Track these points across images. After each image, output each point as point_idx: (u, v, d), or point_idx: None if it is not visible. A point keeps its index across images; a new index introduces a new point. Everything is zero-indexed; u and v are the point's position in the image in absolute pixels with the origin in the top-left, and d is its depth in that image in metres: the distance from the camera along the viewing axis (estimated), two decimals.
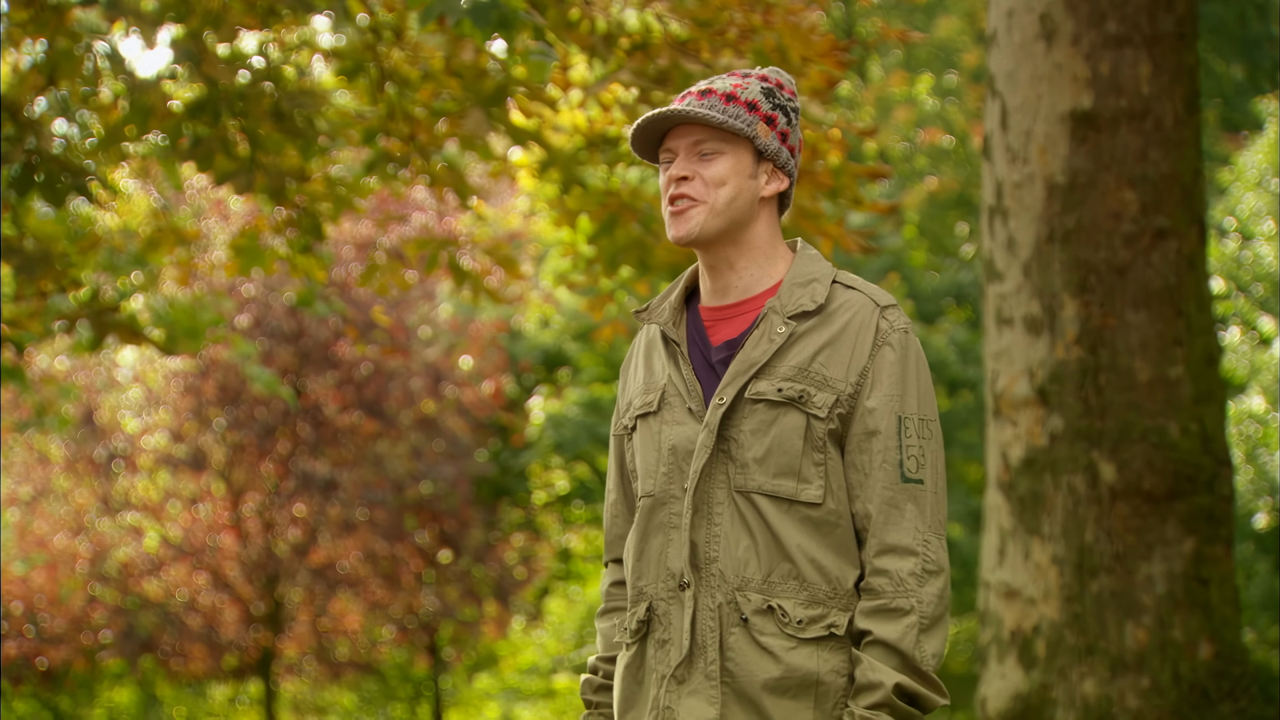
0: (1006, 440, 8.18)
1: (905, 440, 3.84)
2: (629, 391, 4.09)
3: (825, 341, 3.88)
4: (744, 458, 3.86)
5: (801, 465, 3.84)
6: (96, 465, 18.95)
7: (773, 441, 3.85)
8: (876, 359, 3.87)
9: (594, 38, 7.56)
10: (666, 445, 3.94)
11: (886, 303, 3.94)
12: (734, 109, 3.92)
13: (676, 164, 3.93)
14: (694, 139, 3.93)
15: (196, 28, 7.74)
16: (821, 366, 3.86)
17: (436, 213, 18.23)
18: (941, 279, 22.08)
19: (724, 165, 3.91)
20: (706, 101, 3.92)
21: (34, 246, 8.45)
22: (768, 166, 3.95)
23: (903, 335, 3.90)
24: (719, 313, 3.98)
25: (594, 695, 4.14)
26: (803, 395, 3.85)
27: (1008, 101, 8.25)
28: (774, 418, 3.86)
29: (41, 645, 18.68)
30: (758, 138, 3.91)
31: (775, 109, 3.96)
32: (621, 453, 4.12)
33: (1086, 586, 7.91)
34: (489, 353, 20.01)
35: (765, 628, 3.82)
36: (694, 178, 3.91)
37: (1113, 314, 7.99)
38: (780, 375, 3.86)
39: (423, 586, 19.62)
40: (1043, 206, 8.12)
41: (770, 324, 3.89)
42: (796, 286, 3.92)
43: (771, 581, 3.83)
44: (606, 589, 4.17)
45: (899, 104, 22.41)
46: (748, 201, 3.93)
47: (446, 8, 6.70)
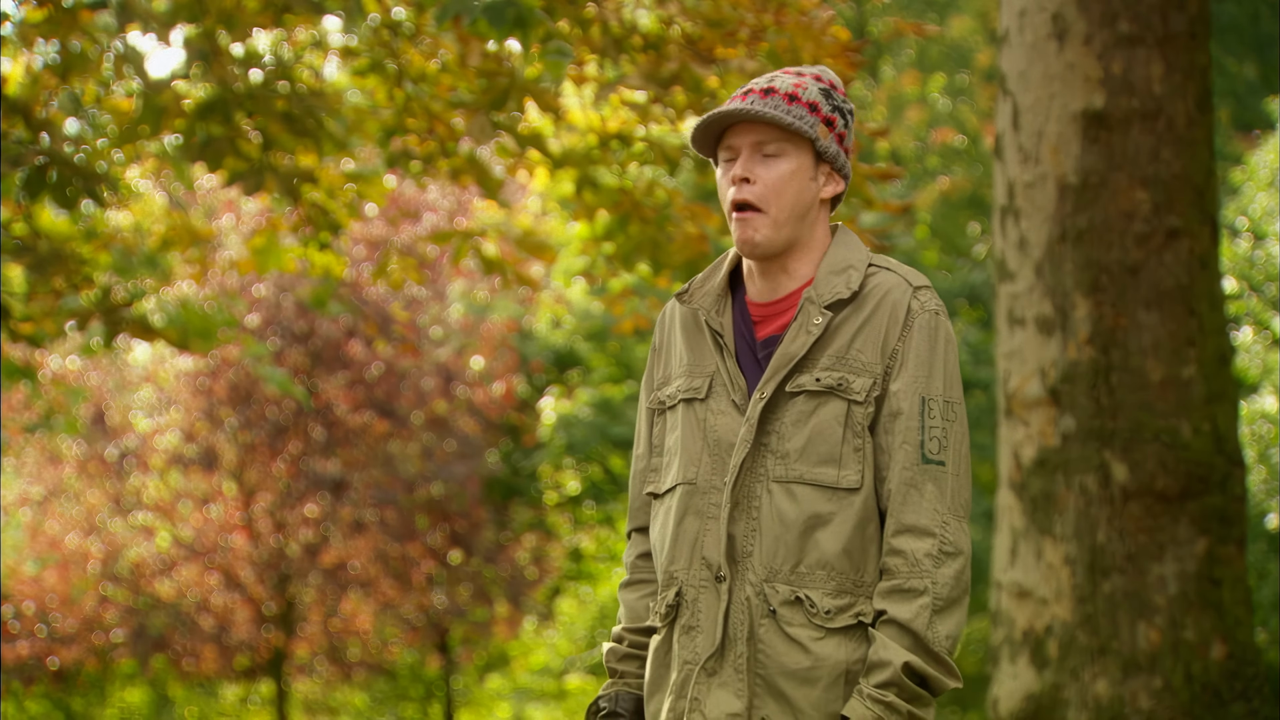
0: (1018, 440, 8.17)
1: (928, 421, 3.83)
2: (669, 366, 4.08)
3: (860, 325, 3.88)
4: (784, 449, 3.86)
5: (841, 453, 3.84)
6: (108, 465, 18.96)
7: (813, 430, 3.84)
8: (906, 340, 3.86)
9: (605, 39, 7.56)
10: (712, 436, 3.93)
11: (920, 283, 3.93)
12: (797, 109, 3.90)
13: (739, 164, 3.91)
14: (757, 138, 3.91)
15: (210, 27, 7.75)
16: (859, 352, 3.86)
17: (448, 212, 18.23)
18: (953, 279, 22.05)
19: (786, 167, 3.89)
20: (770, 100, 3.90)
21: (47, 246, 8.46)
22: (826, 169, 3.94)
23: (933, 316, 3.89)
24: (768, 309, 3.97)
25: (618, 664, 4.13)
26: (841, 382, 3.85)
27: (1019, 101, 8.24)
28: (814, 407, 3.85)
29: (53, 645, 18.69)
30: (819, 140, 3.91)
31: (834, 111, 3.95)
32: (652, 424, 4.10)
33: (1099, 587, 7.90)
34: (500, 353, 20.01)
35: (793, 619, 3.82)
36: (756, 180, 3.89)
37: (1125, 314, 7.98)
38: (820, 365, 3.86)
39: (434, 587, 19.62)
40: (1055, 206, 8.11)
41: (807, 315, 3.88)
42: (832, 274, 3.91)
43: (800, 571, 3.83)
44: (632, 560, 4.16)
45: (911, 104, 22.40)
46: (808, 206, 3.92)
47: (462, 7, 6.70)
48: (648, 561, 4.14)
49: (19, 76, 8.65)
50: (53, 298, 8.75)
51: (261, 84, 8.08)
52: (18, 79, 8.63)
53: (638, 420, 4.17)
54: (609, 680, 4.15)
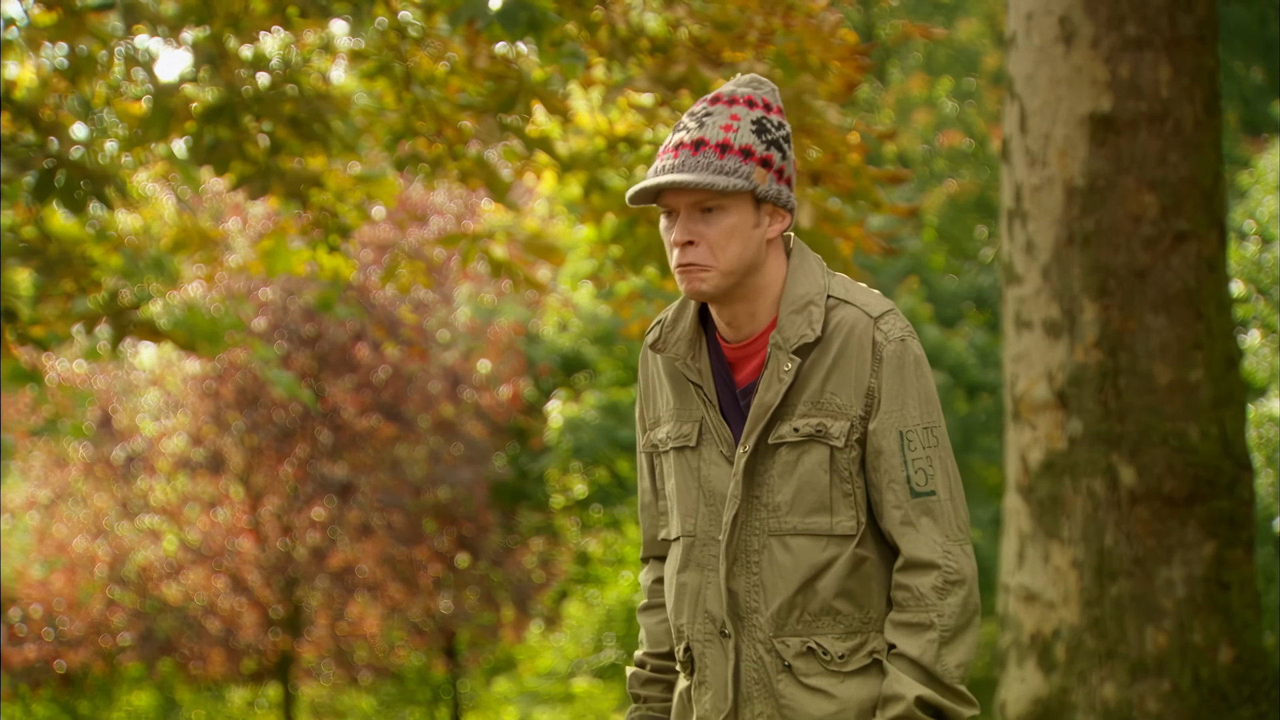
0: (1026, 444, 8.16)
1: (910, 455, 3.81)
2: (657, 408, 4.06)
3: (829, 367, 3.84)
4: (775, 501, 3.84)
5: (831, 499, 3.83)
6: (115, 469, 18.98)
7: (800, 481, 3.83)
8: (878, 375, 3.83)
9: (613, 42, 7.56)
10: (707, 486, 3.92)
11: (879, 312, 3.87)
12: (730, 161, 3.82)
13: (678, 228, 3.84)
14: (693, 198, 3.83)
15: (218, 30, 7.76)
16: (832, 395, 3.83)
17: (455, 215, 18.24)
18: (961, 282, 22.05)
19: (727, 222, 3.82)
20: (701, 157, 3.81)
21: (56, 249, 8.47)
22: (768, 208, 3.87)
23: (898, 344, 3.84)
24: (740, 350, 3.94)
25: (641, 689, 4.13)
26: (820, 429, 3.82)
27: (1027, 104, 8.24)
28: (797, 457, 3.83)
29: (60, 648, 18.71)
30: (757, 187, 3.83)
31: (769, 147, 3.86)
32: (653, 466, 4.09)
33: (1106, 590, 7.90)
34: (507, 356, 20.01)
35: (809, 669, 3.83)
36: (699, 242, 3.83)
37: (1132, 317, 7.98)
38: (797, 414, 3.83)
39: (441, 590, 19.62)
40: (1062, 210, 8.10)
41: (777, 362, 3.84)
42: (794, 314, 3.86)
43: (807, 621, 3.82)
44: (649, 585, 4.15)
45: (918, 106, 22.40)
46: (755, 251, 3.86)
47: (475, 11, 6.71)
48: (663, 585, 4.14)
49: (27, 80, 8.66)
50: (62, 300, 8.75)
51: (269, 87, 8.09)
52: (26, 82, 8.63)
53: (638, 459, 4.15)
54: (633, 706, 4.16)
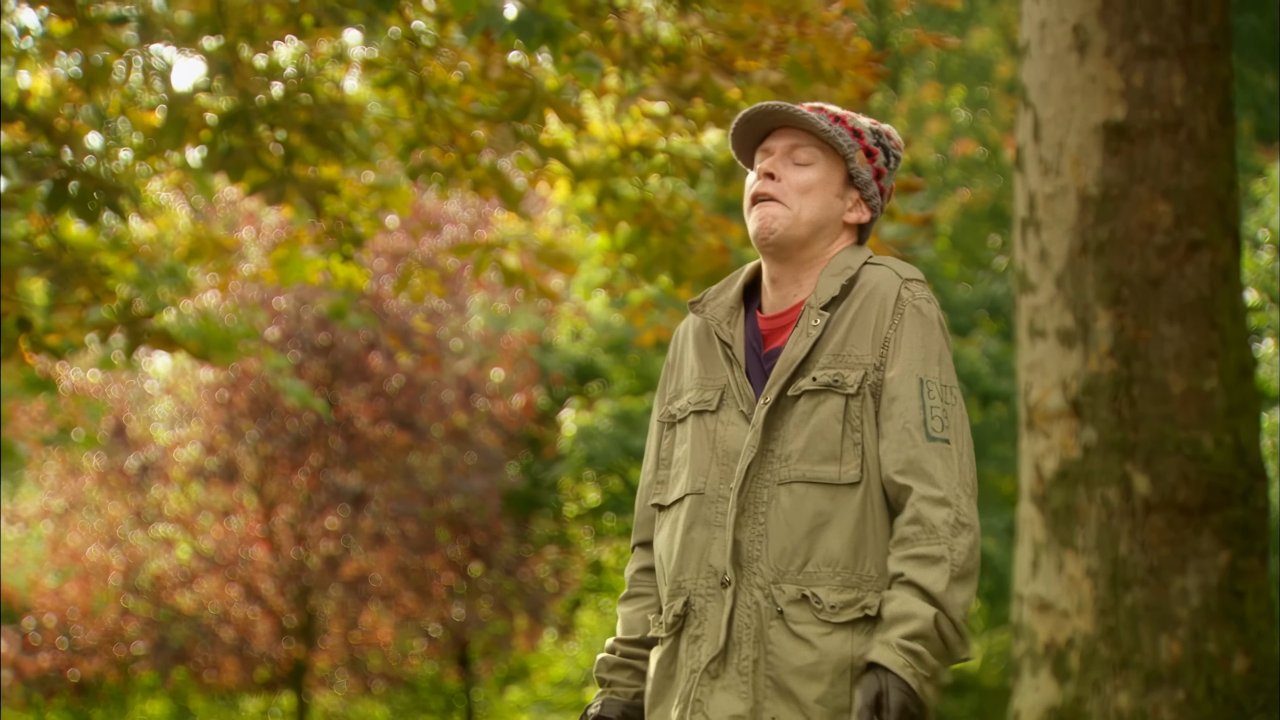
0: (1040, 453, 8.16)
1: (928, 401, 3.84)
2: (680, 379, 4.11)
3: (851, 319, 3.90)
4: (786, 451, 3.88)
5: (842, 448, 3.86)
6: (129, 478, 19.00)
7: (813, 429, 3.86)
8: (897, 327, 3.88)
9: (626, 51, 7.57)
10: (721, 446, 3.95)
11: (910, 275, 3.96)
12: (839, 128, 3.96)
13: (768, 161, 3.96)
14: (792, 143, 3.96)
15: (232, 40, 7.77)
16: (852, 346, 3.89)
17: (468, 224, 18.25)
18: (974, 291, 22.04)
19: (813, 174, 3.95)
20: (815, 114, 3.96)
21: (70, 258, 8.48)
22: (855, 194, 3.98)
23: (925, 304, 3.92)
24: (776, 320, 4.01)
25: (608, 674, 4.15)
26: (837, 379, 3.87)
27: (1040, 113, 8.24)
28: (814, 406, 3.87)
29: (74, 657, 18.73)
30: (853, 161, 3.95)
31: (878, 146, 4.00)
32: (661, 438, 4.13)
33: (1120, 599, 7.89)
34: (520, 365, 20.03)
35: (800, 617, 3.84)
36: (781, 179, 3.94)
37: (1146, 326, 7.97)
38: (818, 365, 3.88)
39: (454, 599, 19.63)
40: (1076, 218, 8.10)
41: (807, 319, 3.91)
42: (830, 277, 3.94)
43: (808, 570, 3.84)
44: (633, 574, 4.19)
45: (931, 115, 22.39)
46: (830, 219, 3.96)
47: (491, 21, 6.72)
48: (648, 576, 4.16)
49: (42, 90, 8.67)
50: (76, 309, 8.76)
51: (283, 96, 8.10)
52: (41, 92, 8.65)
53: (648, 438, 4.19)
54: (599, 690, 4.17)
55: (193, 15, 7.93)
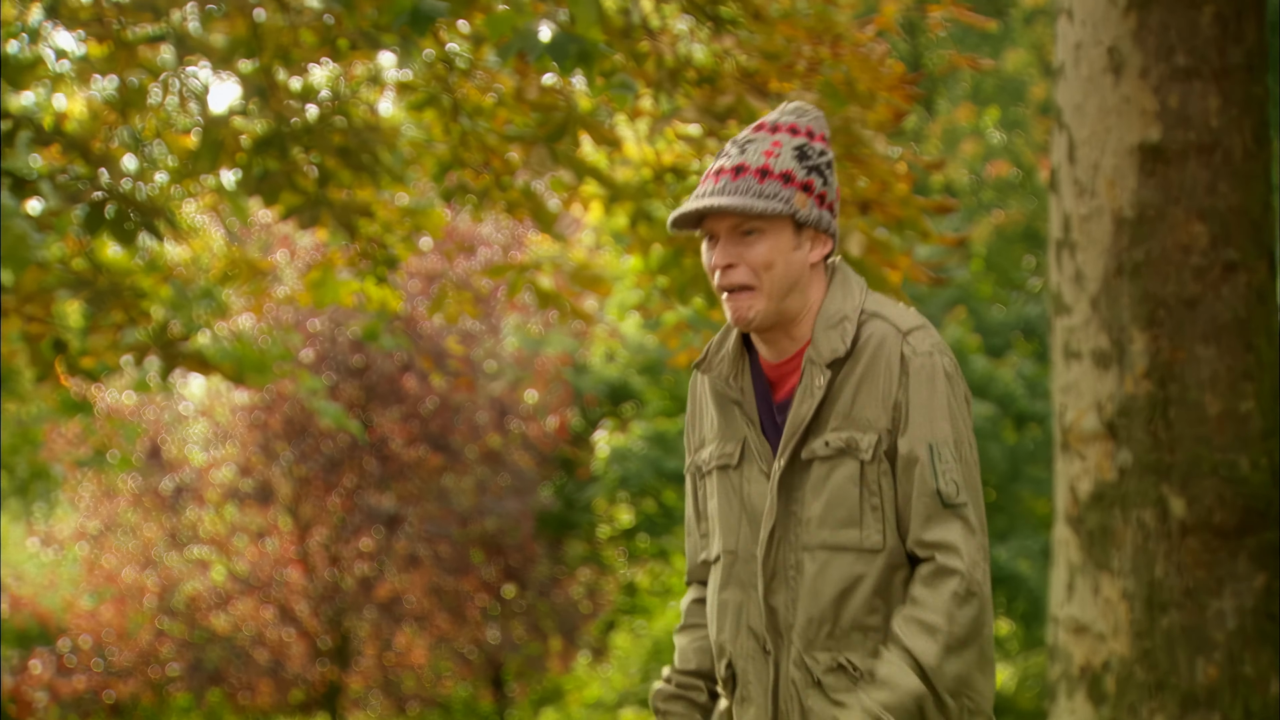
0: (1075, 474, 8.13)
1: (940, 466, 3.81)
2: (702, 430, 4.09)
3: (858, 380, 3.86)
4: (806, 515, 3.86)
5: (861, 513, 3.84)
6: (163, 499, 19.04)
7: (830, 495, 3.84)
8: (905, 390, 3.84)
9: (660, 73, 7.58)
10: (748, 504, 3.94)
11: (910, 326, 3.90)
12: (770, 186, 3.86)
13: (719, 251, 3.88)
14: (733, 221, 3.87)
15: (267, 62, 7.79)
16: (862, 408, 3.85)
17: (502, 246, 18.27)
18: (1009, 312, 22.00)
19: (766, 245, 3.85)
20: (741, 182, 3.86)
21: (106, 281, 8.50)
22: (809, 233, 3.90)
23: (926, 359, 3.86)
24: (780, 369, 3.96)
25: (664, 704, 4.14)
26: (850, 443, 3.84)
27: (1075, 134, 8.23)
28: (828, 471, 3.85)
29: (110, 679, 18.76)
30: (797, 211, 3.86)
31: (810, 173, 3.90)
32: (695, 489, 4.12)
33: (1156, 622, 7.86)
34: (554, 387, 20.03)
35: (837, 684, 3.83)
36: (739, 264, 3.87)
37: (1182, 348, 7.95)
38: (829, 428, 3.85)
39: (488, 621, 19.63)
40: (1111, 240, 8.08)
41: (811, 377, 3.87)
42: (828, 329, 3.89)
43: (836, 636, 3.83)
44: (688, 605, 4.18)
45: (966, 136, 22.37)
46: (798, 275, 3.89)
47: (526, 44, 6.73)
48: (701, 607, 4.16)
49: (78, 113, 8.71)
50: (111, 332, 8.79)
51: (318, 118, 8.12)
52: (77, 115, 8.68)
53: (686, 487, 4.18)
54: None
55: (228, 38, 7.96)
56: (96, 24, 7.98)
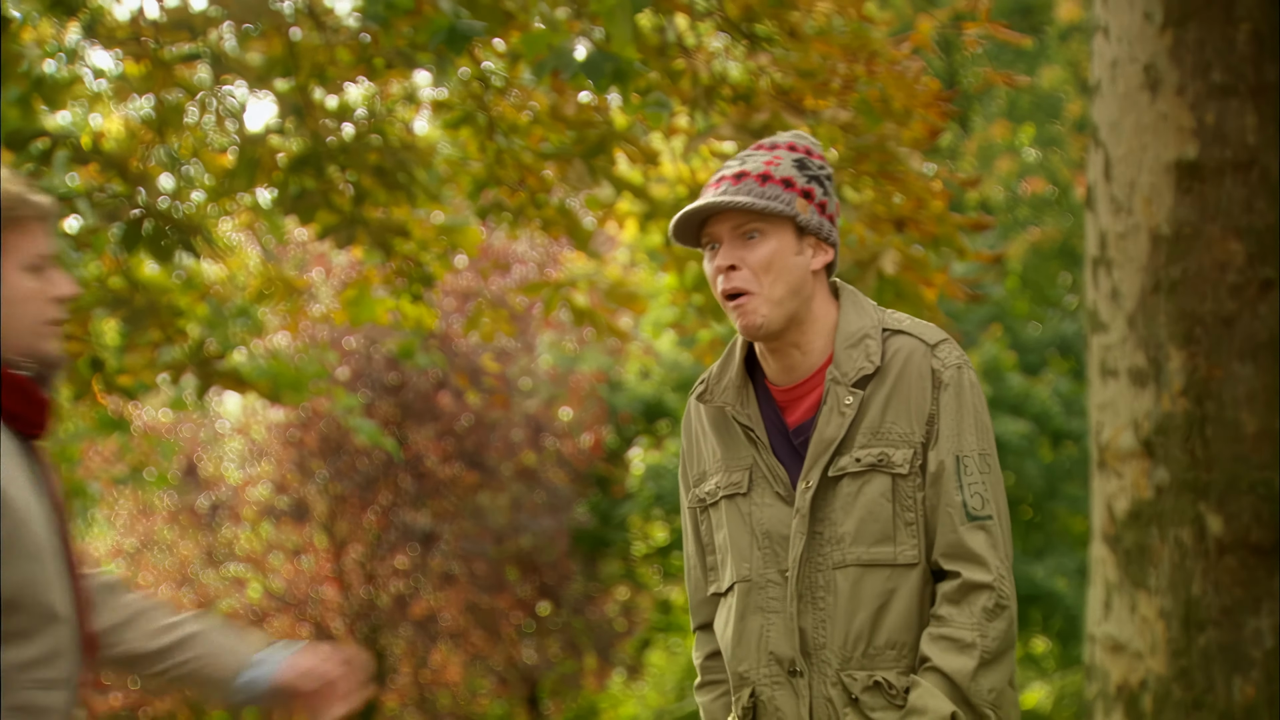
0: (1112, 492, 8.11)
1: (966, 479, 3.82)
2: (703, 463, 4.08)
3: (887, 396, 3.87)
4: (838, 534, 3.86)
5: (895, 528, 3.84)
6: (200, 517, 19.09)
7: (863, 511, 3.84)
8: (938, 403, 3.85)
9: (696, 90, 7.58)
10: (760, 529, 3.93)
11: (936, 340, 3.91)
12: (771, 189, 3.89)
13: (721, 253, 3.91)
14: (735, 224, 3.89)
15: (303, 81, 7.82)
16: (892, 424, 3.85)
17: (537, 263, 18.30)
18: (1045, 329, 21.96)
19: (768, 247, 3.87)
20: (742, 185, 3.89)
21: (144, 299, 8.53)
22: (811, 240, 3.92)
23: (955, 372, 3.87)
24: (791, 392, 3.96)
25: None
26: (882, 458, 3.84)
27: (1111, 152, 8.21)
28: (859, 487, 3.85)
29: (146, 696, 18.80)
30: (798, 215, 3.89)
31: (810, 181, 3.93)
32: (698, 524, 4.10)
33: (1194, 640, 7.83)
34: (589, 404, 20.05)
35: (875, 703, 3.83)
36: (741, 266, 3.89)
37: (1219, 365, 7.92)
38: (857, 445, 3.85)
39: (523, 638, 19.63)
40: (1147, 257, 8.07)
41: (837, 397, 3.87)
42: (850, 348, 3.90)
43: (871, 654, 3.83)
44: (702, 661, 4.17)
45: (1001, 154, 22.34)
46: (800, 280, 3.90)
47: (561, 63, 6.74)
48: (717, 661, 4.14)
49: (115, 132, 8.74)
50: (148, 350, 8.82)
51: (354, 137, 8.14)
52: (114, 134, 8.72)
53: (683, 522, 4.17)
54: None
55: (265, 57, 7.99)
56: (134, 43, 8.01)
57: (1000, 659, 3.79)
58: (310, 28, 7.88)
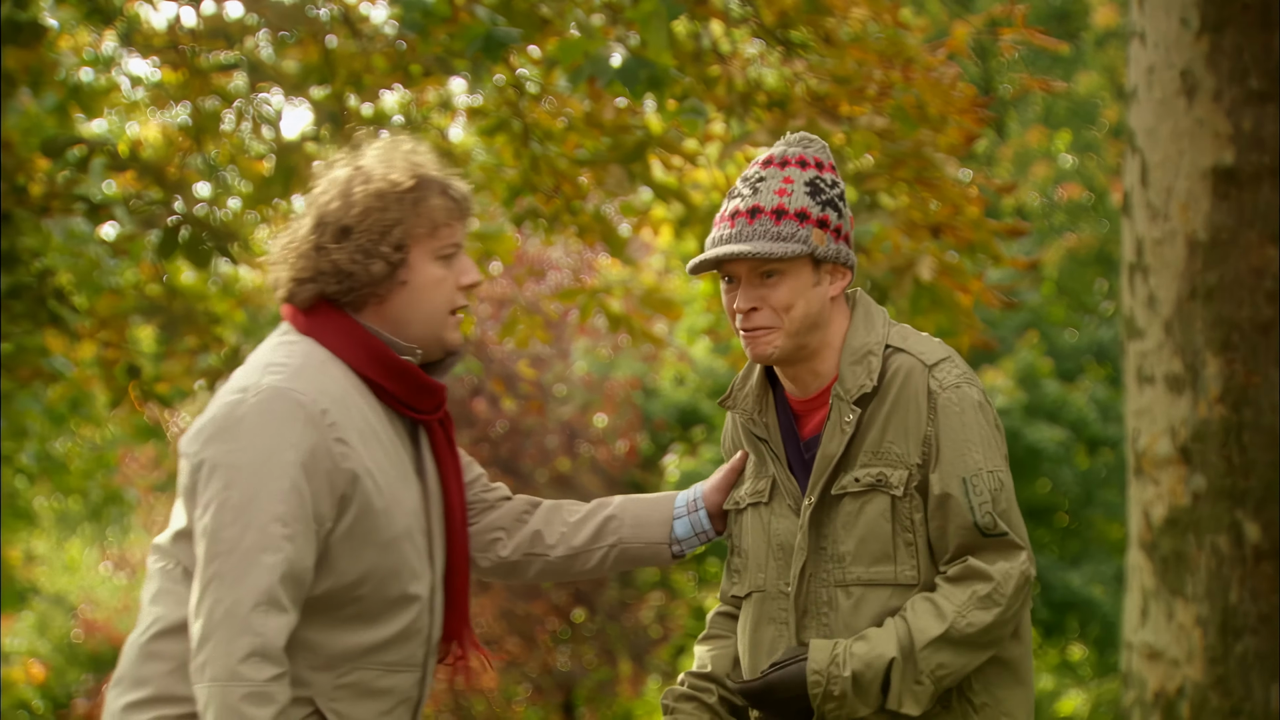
0: (1149, 499, 8.10)
1: (976, 500, 3.80)
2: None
3: (886, 415, 3.86)
4: (839, 552, 3.86)
5: (894, 548, 3.84)
6: None
7: (863, 530, 3.84)
8: (935, 424, 3.83)
9: (731, 97, 7.59)
10: (775, 540, 3.95)
11: (935, 359, 3.89)
12: (786, 226, 3.85)
13: (741, 295, 3.88)
14: (752, 265, 3.86)
15: (339, 89, 7.84)
16: (890, 444, 3.85)
17: (572, 270, 18.31)
18: (1081, 336, 21.90)
19: (786, 287, 3.85)
20: (757, 225, 3.86)
21: (182, 306, 8.57)
22: (828, 268, 3.90)
23: (954, 391, 3.85)
24: (807, 404, 3.96)
25: (673, 702, 4.15)
26: (880, 478, 3.84)
27: (1148, 158, 8.20)
28: (860, 507, 3.85)
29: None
30: (815, 249, 3.86)
31: (824, 208, 3.89)
32: (732, 522, 4.11)
33: (1231, 648, 7.81)
34: (623, 411, 20.04)
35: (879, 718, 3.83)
36: (761, 307, 3.87)
37: (1256, 372, 7.90)
38: (858, 464, 3.85)
39: (558, 645, 19.64)
40: (1184, 263, 8.05)
41: (839, 413, 3.86)
42: (854, 365, 3.89)
43: None
44: (711, 618, 4.22)
45: (1037, 159, 22.30)
46: (818, 310, 3.88)
47: (597, 70, 6.75)
48: (726, 620, 4.18)
49: (153, 139, 8.78)
50: (185, 357, 8.85)
51: None
52: (152, 141, 8.75)
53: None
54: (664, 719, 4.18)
55: (301, 64, 8.01)
56: (171, 51, 8.05)
57: (968, 646, 3.77)
58: (346, 35, 7.90)
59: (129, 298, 8.80)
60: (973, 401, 3.86)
